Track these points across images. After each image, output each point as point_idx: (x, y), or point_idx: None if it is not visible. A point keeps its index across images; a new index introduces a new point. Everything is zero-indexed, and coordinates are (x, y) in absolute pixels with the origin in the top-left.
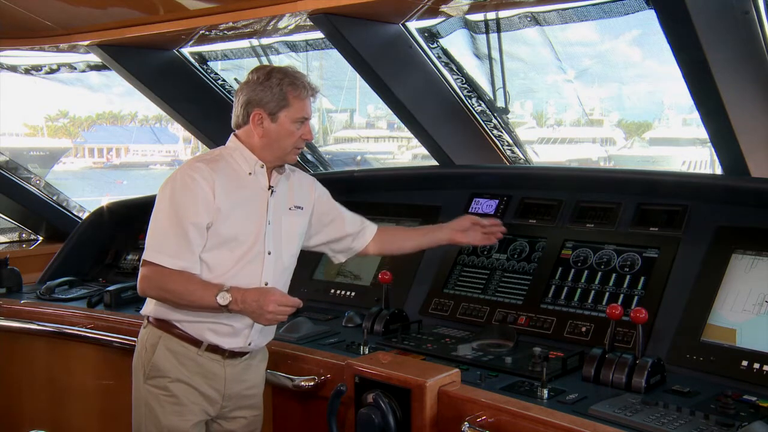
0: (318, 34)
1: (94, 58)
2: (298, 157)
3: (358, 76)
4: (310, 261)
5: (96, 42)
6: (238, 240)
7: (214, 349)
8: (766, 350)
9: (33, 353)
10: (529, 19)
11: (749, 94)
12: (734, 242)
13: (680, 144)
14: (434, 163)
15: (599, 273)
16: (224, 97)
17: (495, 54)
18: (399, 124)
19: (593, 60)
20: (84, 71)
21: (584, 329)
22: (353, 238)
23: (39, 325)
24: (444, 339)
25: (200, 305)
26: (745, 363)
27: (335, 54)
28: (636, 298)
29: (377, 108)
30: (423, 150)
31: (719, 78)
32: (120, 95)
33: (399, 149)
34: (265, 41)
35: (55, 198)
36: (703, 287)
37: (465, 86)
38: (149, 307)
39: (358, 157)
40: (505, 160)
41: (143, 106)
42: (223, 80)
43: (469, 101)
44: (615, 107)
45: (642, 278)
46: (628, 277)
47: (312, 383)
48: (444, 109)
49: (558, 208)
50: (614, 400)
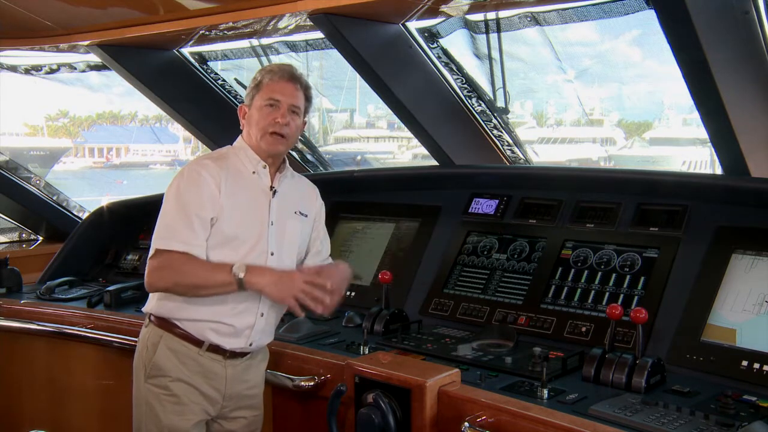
0: (318, 34)
1: (94, 58)
2: (299, 157)
3: (358, 76)
4: None
5: (96, 42)
6: (240, 239)
7: (215, 349)
8: (766, 350)
9: (33, 353)
10: (529, 19)
11: (749, 94)
12: (734, 242)
13: (680, 144)
14: (434, 163)
15: (599, 273)
16: (224, 97)
17: (495, 54)
18: (399, 124)
19: (593, 60)
20: (84, 71)
21: (584, 329)
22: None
23: (39, 325)
24: (444, 339)
25: (213, 284)
26: (745, 363)
27: (335, 54)
28: (636, 298)
29: (377, 108)
30: (423, 150)
31: (719, 78)
32: (120, 95)
33: (399, 149)
34: (265, 41)
35: (55, 198)
36: (703, 287)
37: (465, 86)
38: (151, 304)
39: (358, 157)
40: (505, 160)
41: (143, 106)
42: (223, 80)
43: (469, 101)
44: (615, 107)
45: (642, 278)
46: (628, 277)
47: (312, 383)
48: (444, 109)
49: (558, 208)
50: (614, 400)
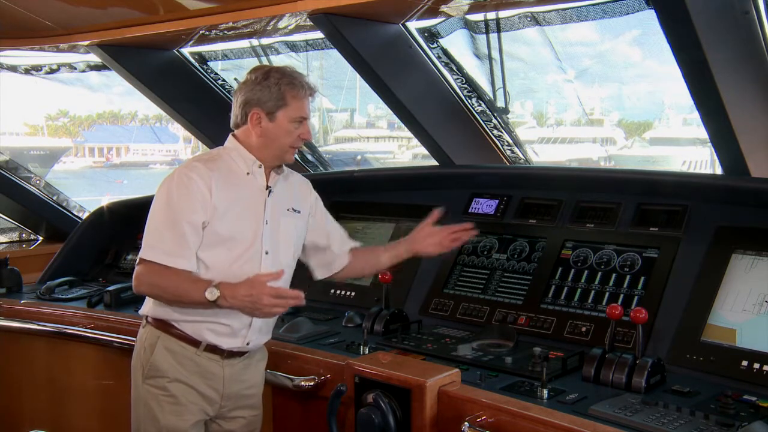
0: (318, 34)
1: (94, 58)
2: (299, 157)
3: (358, 76)
4: None
5: (96, 42)
6: (236, 239)
7: (213, 349)
8: (766, 350)
9: (33, 353)
10: (529, 19)
11: (749, 94)
12: (734, 242)
13: (680, 144)
14: (434, 163)
15: (599, 273)
16: (224, 97)
17: (495, 54)
18: (399, 124)
19: (593, 60)
20: (84, 71)
21: (584, 329)
22: (333, 255)
23: (39, 325)
24: (444, 339)
25: (190, 301)
26: (745, 363)
27: (335, 54)
28: (636, 298)
29: (377, 108)
30: (423, 150)
31: (719, 78)
32: (120, 95)
33: (399, 149)
34: (265, 41)
35: (55, 198)
36: (703, 287)
37: (465, 86)
38: (148, 307)
39: (358, 157)
40: (505, 160)
41: (143, 106)
42: (223, 80)
43: (469, 101)
44: (615, 107)
45: (642, 278)
46: (628, 277)
47: (312, 383)
48: (444, 109)
49: (558, 208)
50: (614, 400)
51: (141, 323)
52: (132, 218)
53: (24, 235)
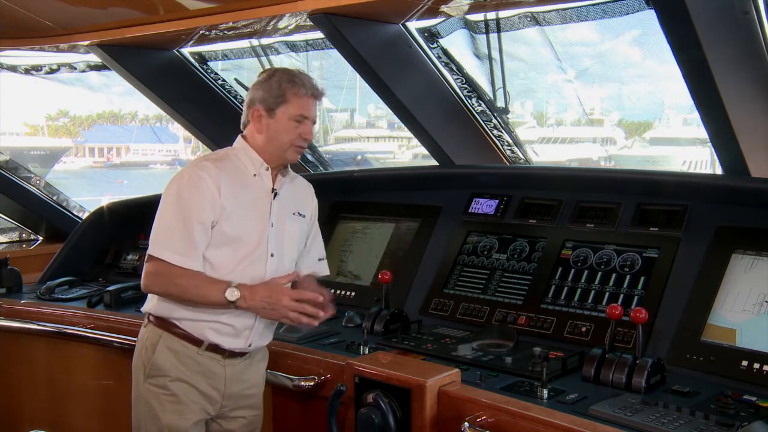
0: (318, 34)
1: (94, 58)
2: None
3: (358, 76)
4: None
5: (96, 42)
6: (242, 240)
7: (214, 349)
8: (766, 350)
9: (33, 353)
10: (529, 19)
11: (749, 94)
12: (734, 242)
13: (680, 144)
14: (434, 163)
15: (599, 273)
16: (224, 97)
17: (495, 54)
18: (399, 124)
19: (593, 60)
20: (84, 71)
21: (584, 329)
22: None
23: (39, 325)
24: (444, 339)
25: (207, 301)
26: (745, 363)
27: (335, 54)
28: (636, 298)
29: (377, 108)
30: (423, 150)
31: (719, 78)
32: (120, 95)
33: (399, 149)
34: (265, 41)
35: (55, 198)
36: (703, 287)
37: (465, 86)
38: (150, 304)
39: (359, 157)
40: (505, 160)
41: (143, 106)
42: (223, 80)
43: (469, 101)
44: (615, 107)
45: (642, 278)
46: (628, 277)
47: (312, 383)
48: (444, 109)
49: (558, 208)
50: (614, 400)
51: (142, 322)
52: (132, 218)
53: (24, 235)
